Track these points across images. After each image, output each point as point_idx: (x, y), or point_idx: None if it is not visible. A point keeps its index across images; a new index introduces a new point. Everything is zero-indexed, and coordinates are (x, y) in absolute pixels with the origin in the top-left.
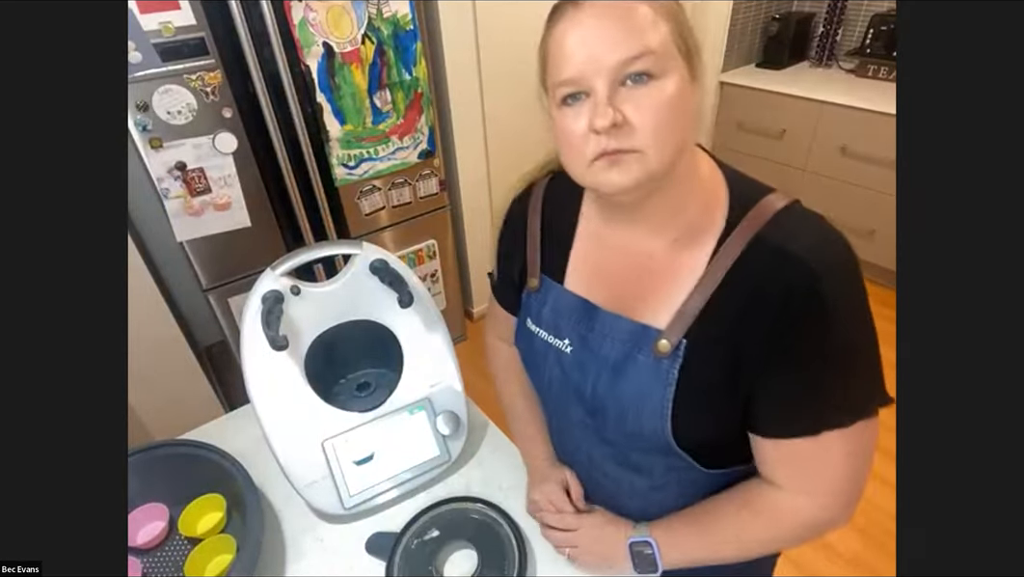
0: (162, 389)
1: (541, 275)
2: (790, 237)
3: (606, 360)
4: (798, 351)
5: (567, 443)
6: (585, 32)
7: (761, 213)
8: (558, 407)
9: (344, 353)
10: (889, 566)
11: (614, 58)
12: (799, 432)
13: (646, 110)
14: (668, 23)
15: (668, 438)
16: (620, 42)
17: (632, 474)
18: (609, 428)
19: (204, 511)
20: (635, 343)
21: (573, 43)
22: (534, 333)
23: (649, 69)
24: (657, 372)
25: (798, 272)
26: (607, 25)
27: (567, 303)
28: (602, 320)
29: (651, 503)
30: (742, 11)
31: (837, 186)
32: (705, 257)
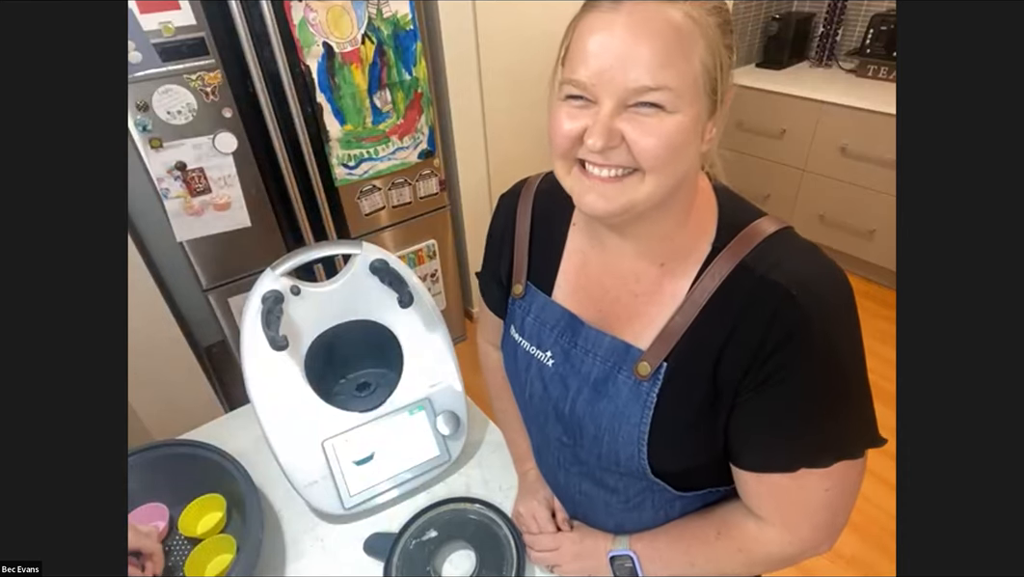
0: (162, 389)
1: (527, 282)
2: (776, 266)
3: (587, 377)
4: (776, 386)
5: (546, 458)
6: (611, 39)
7: (748, 239)
8: (536, 422)
9: (344, 353)
10: (889, 566)
11: (630, 81)
12: (775, 467)
13: (648, 137)
14: (703, 58)
15: (643, 464)
16: (642, 67)
17: (607, 493)
18: (585, 449)
19: (204, 511)
20: (616, 362)
21: (595, 47)
22: (517, 342)
23: (662, 103)
24: (637, 394)
25: (781, 303)
26: (637, 40)
27: (552, 314)
28: (586, 335)
29: (627, 520)
30: (742, 11)
31: (837, 186)
32: (687, 282)
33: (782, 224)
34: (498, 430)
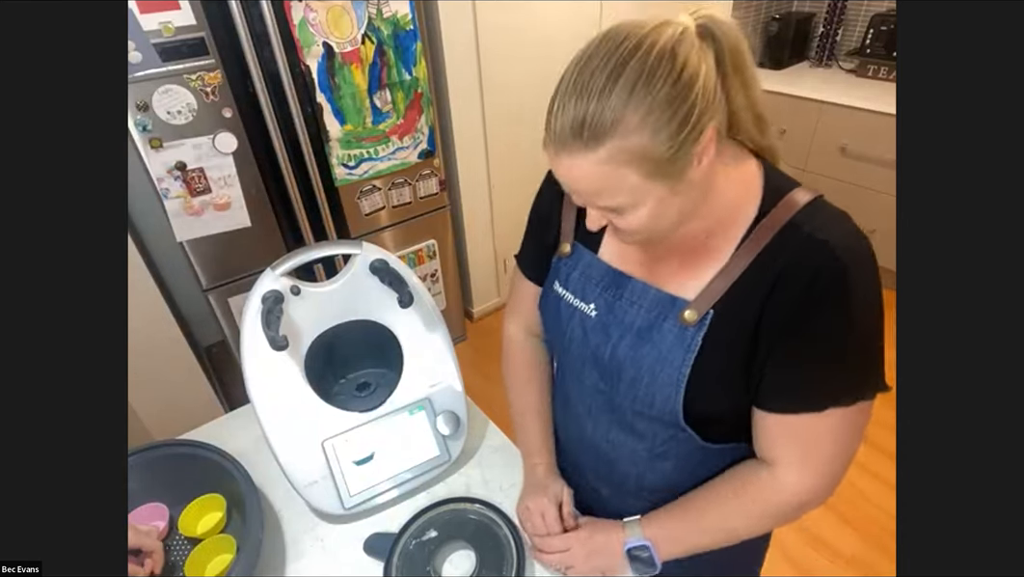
0: (162, 389)
1: (574, 242)
2: (820, 227)
3: (631, 325)
4: (816, 330)
5: (576, 408)
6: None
7: (791, 203)
8: (573, 368)
9: (344, 353)
10: (889, 566)
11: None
12: (805, 407)
13: (626, 226)
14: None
15: (677, 408)
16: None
17: (634, 440)
18: (620, 392)
19: (204, 511)
20: (662, 312)
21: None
22: (560, 296)
23: (617, 208)
24: (681, 339)
25: (827, 258)
26: (574, 181)
27: (598, 270)
28: (632, 288)
29: (649, 470)
30: (742, 11)
31: (837, 186)
32: (735, 240)
33: (816, 193)
34: (498, 431)
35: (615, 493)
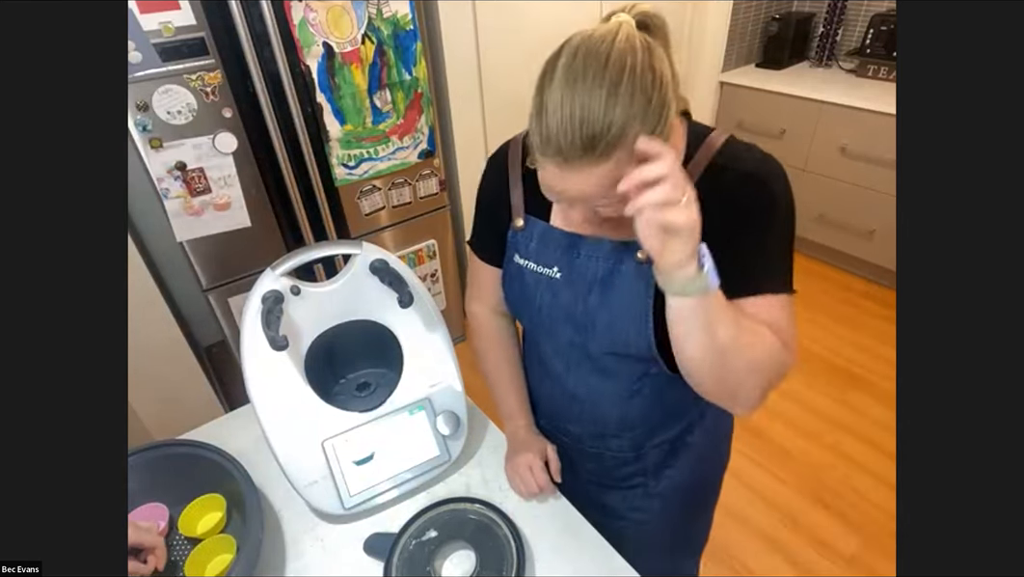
0: (162, 389)
1: (526, 215)
2: (738, 160)
3: (595, 277)
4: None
5: (554, 366)
6: (560, 191)
7: (711, 144)
8: (549, 330)
9: (344, 353)
10: (889, 566)
11: (592, 203)
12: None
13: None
14: (630, 158)
15: (649, 337)
16: (596, 199)
17: (612, 383)
18: (596, 340)
19: (204, 511)
20: (619, 257)
21: (549, 183)
22: (523, 266)
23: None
24: (639, 275)
25: (751, 180)
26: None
27: (553, 236)
28: (588, 245)
29: (630, 408)
30: (742, 11)
31: (837, 186)
32: None
33: (727, 133)
34: (498, 431)
35: (596, 436)
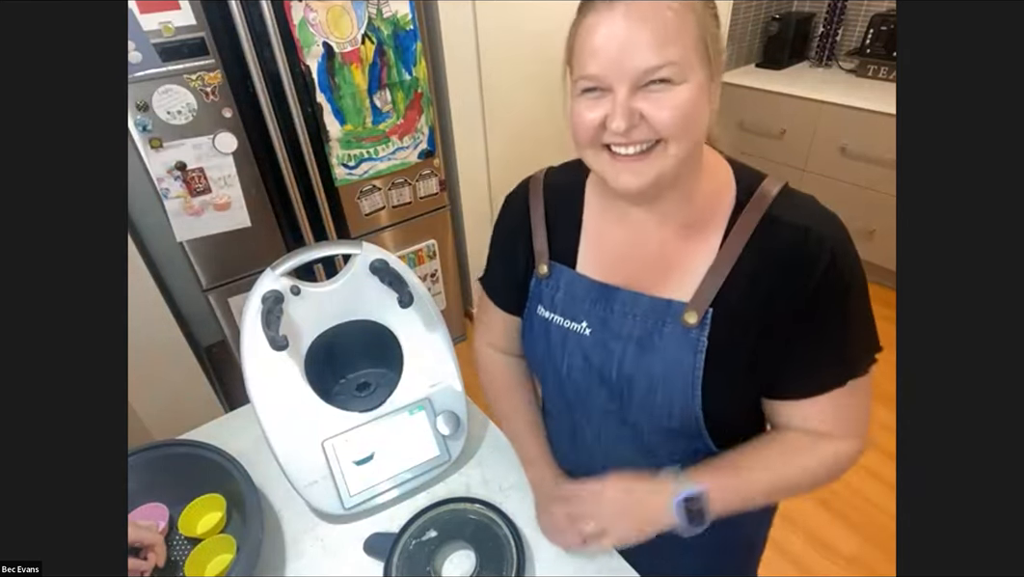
0: (162, 389)
1: (550, 261)
2: (799, 215)
3: (630, 337)
4: (824, 314)
5: (583, 437)
6: (614, 32)
7: (766, 194)
8: (579, 395)
9: (344, 353)
10: (889, 566)
11: (638, 65)
12: (833, 385)
13: (664, 110)
14: (696, 30)
15: (697, 410)
16: (646, 49)
17: (648, 459)
18: (634, 407)
19: (204, 511)
20: (658, 318)
21: (600, 41)
22: (548, 320)
23: (670, 77)
24: (686, 341)
25: (817, 244)
26: (637, 29)
27: (582, 286)
28: (622, 299)
29: None
30: (742, 11)
31: (837, 186)
32: (718, 236)
33: (782, 181)
34: (498, 430)
35: None
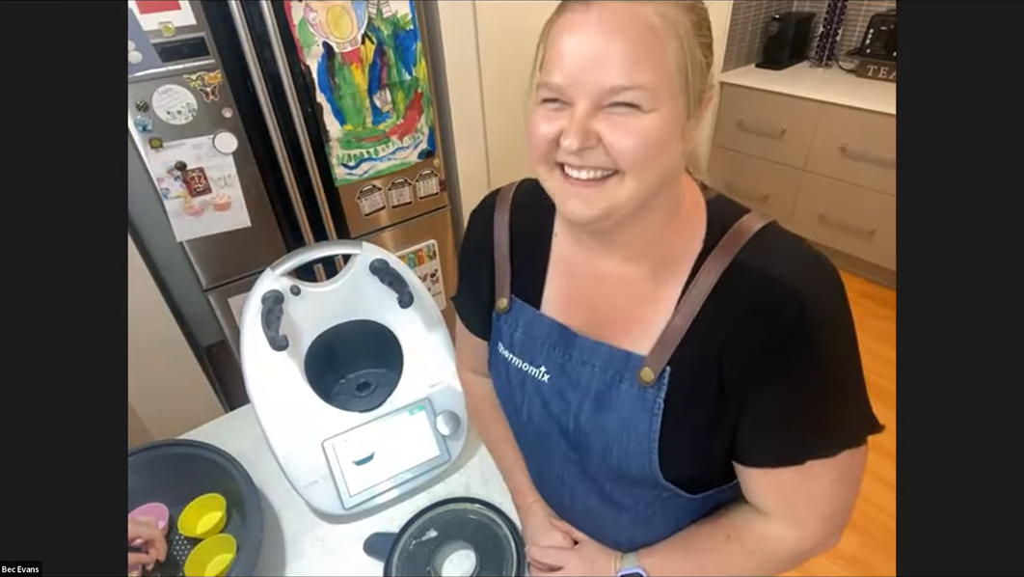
0: (162, 389)
1: (511, 296)
2: (771, 260)
3: (587, 389)
4: (782, 378)
5: (549, 479)
6: (583, 40)
7: (737, 235)
8: (539, 440)
9: (344, 353)
10: (889, 566)
11: (604, 82)
12: (784, 461)
13: (625, 138)
14: (677, 56)
15: (655, 472)
16: (616, 65)
17: (616, 509)
18: (593, 463)
19: (204, 511)
20: (617, 371)
21: (568, 48)
22: (507, 360)
23: (638, 102)
24: (642, 402)
25: (782, 297)
26: (609, 39)
27: (541, 328)
28: (580, 347)
29: (638, 534)
30: (742, 11)
31: (837, 186)
32: (681, 282)
33: (767, 219)
34: None
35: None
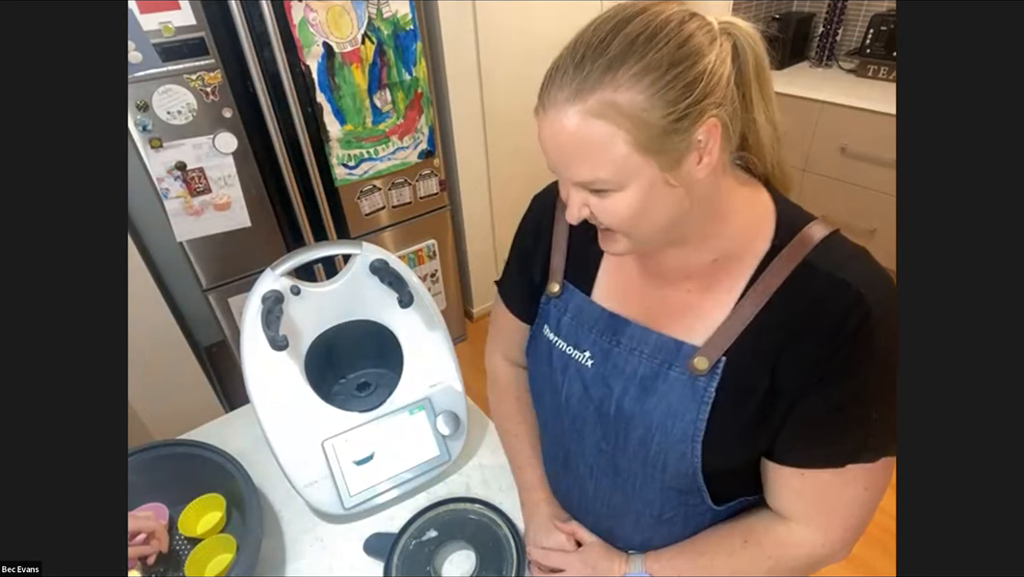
0: (162, 389)
1: (564, 281)
2: (840, 266)
3: (633, 375)
4: (840, 380)
5: (576, 467)
6: (547, 140)
7: (807, 239)
8: (572, 428)
9: (344, 353)
10: (889, 566)
11: (572, 177)
12: (825, 463)
13: (608, 215)
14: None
15: (695, 463)
16: (572, 166)
17: (640, 506)
18: (628, 453)
19: (204, 511)
20: (666, 359)
21: (543, 142)
22: (552, 342)
23: (605, 188)
24: (692, 390)
25: (852, 301)
26: (557, 147)
27: (591, 314)
28: (630, 333)
29: (656, 536)
30: (742, 11)
31: (837, 186)
32: (745, 278)
33: (832, 227)
34: None
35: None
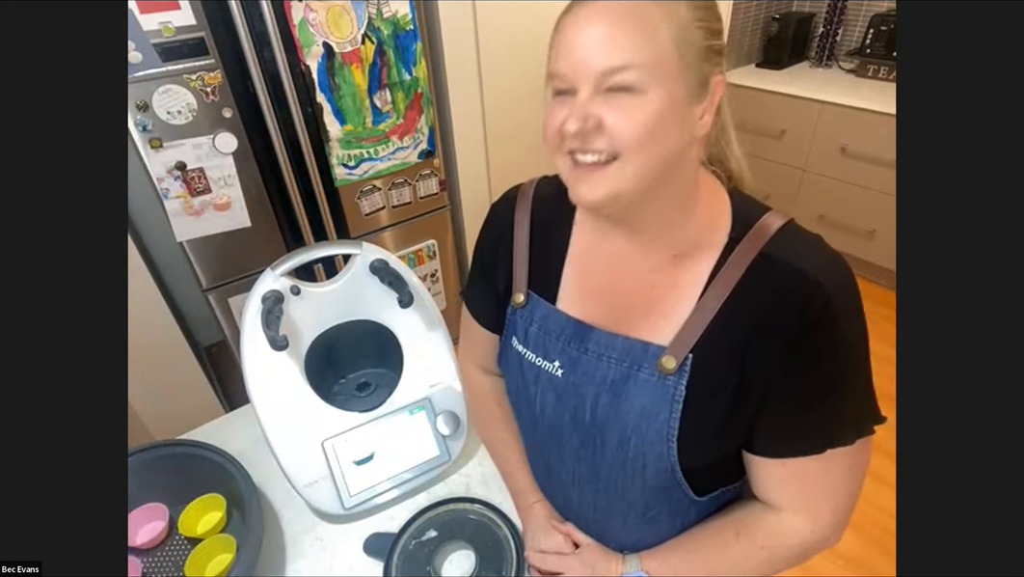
0: (162, 389)
1: (528, 291)
2: (798, 255)
3: (603, 380)
4: (807, 368)
5: (558, 476)
6: (582, 31)
7: (764, 230)
8: (550, 437)
9: (344, 353)
10: (889, 566)
11: (599, 65)
12: (805, 450)
13: (622, 120)
14: (673, 33)
15: (673, 461)
16: (610, 47)
17: (625, 507)
18: (607, 456)
19: (204, 511)
20: (635, 361)
21: (570, 40)
22: (521, 354)
23: (631, 83)
24: (662, 389)
25: (811, 290)
26: (603, 28)
27: (556, 323)
28: (596, 339)
29: (645, 535)
30: (742, 11)
31: (837, 186)
32: (706, 272)
33: (787, 217)
34: None
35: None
